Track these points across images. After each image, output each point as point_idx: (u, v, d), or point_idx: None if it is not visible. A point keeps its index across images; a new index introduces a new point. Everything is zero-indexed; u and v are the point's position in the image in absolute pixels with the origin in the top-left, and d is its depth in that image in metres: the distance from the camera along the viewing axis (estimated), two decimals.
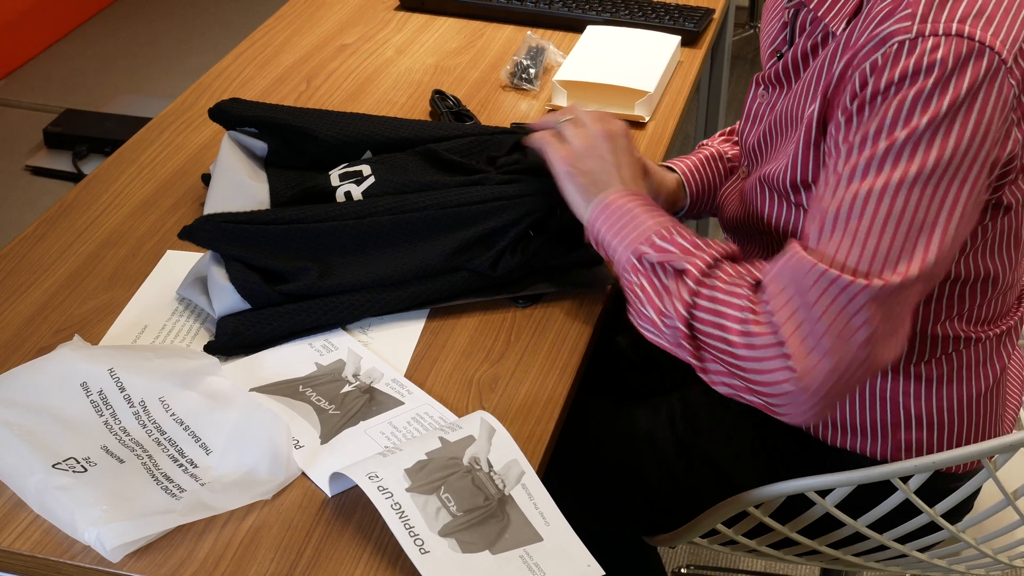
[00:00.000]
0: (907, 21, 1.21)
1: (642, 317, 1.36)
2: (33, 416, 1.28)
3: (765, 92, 1.49)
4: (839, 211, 1.23)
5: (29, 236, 1.63)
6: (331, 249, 1.51)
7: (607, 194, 1.41)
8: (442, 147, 1.64)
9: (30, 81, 2.86)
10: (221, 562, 1.17)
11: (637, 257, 1.35)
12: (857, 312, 1.21)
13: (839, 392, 1.24)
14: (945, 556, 1.58)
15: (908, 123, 1.20)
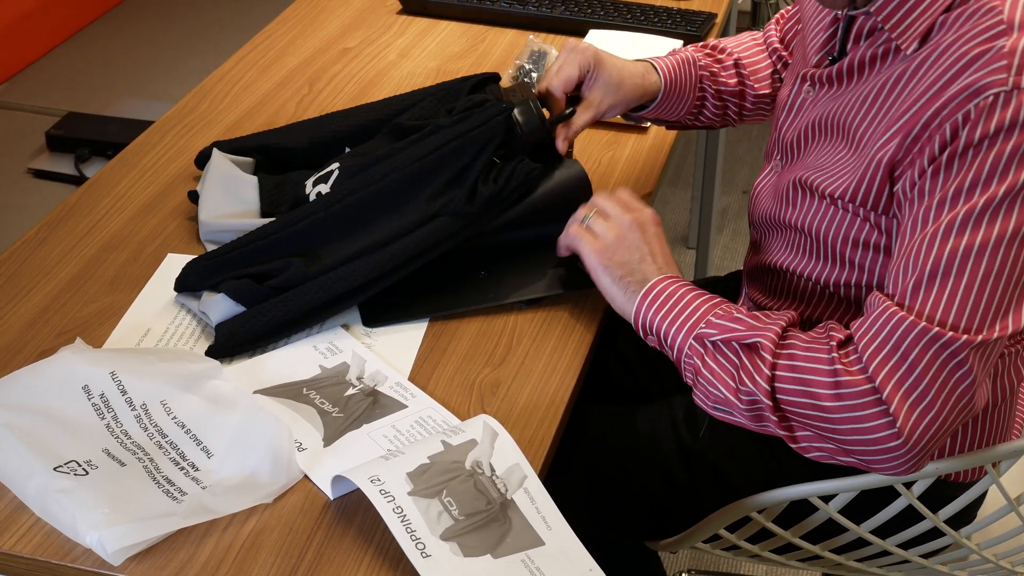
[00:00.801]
0: (1003, 73, 1.20)
1: (713, 399, 1.35)
2: (34, 419, 1.28)
3: (811, 89, 1.48)
4: (936, 267, 1.22)
5: (31, 239, 1.63)
6: (312, 243, 1.52)
7: (650, 283, 1.40)
8: (405, 117, 1.66)
9: (32, 84, 2.86)
10: (222, 565, 1.17)
11: (699, 340, 1.34)
12: (961, 367, 1.22)
13: (939, 444, 1.25)
14: (948, 562, 1.58)
15: (1005, 179, 1.20)
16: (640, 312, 1.40)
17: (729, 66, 1.76)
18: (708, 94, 1.74)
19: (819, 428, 1.28)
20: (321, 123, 1.77)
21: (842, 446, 1.27)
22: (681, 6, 2.27)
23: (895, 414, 1.22)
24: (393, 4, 2.30)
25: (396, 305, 1.49)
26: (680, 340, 1.36)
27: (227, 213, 1.61)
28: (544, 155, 1.58)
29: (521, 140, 1.56)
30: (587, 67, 1.62)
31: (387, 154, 1.57)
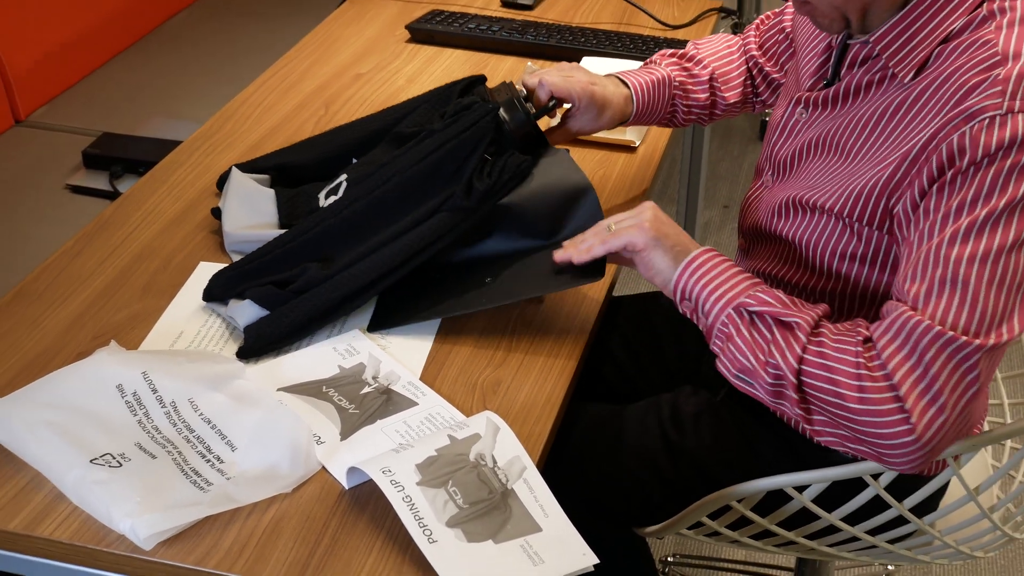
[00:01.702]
0: (998, 98, 1.21)
1: (739, 367, 1.34)
2: (72, 415, 1.28)
3: (804, 111, 1.47)
4: (945, 276, 1.22)
5: (68, 250, 1.63)
6: (325, 247, 1.53)
7: (693, 254, 1.39)
8: (403, 125, 1.66)
9: (70, 106, 2.86)
10: (245, 550, 1.17)
11: (737, 310, 1.34)
12: (972, 371, 1.22)
13: (951, 440, 1.25)
14: (913, 547, 1.58)
15: (1004, 193, 1.21)
16: (681, 279, 1.38)
17: (703, 80, 1.75)
18: (679, 109, 1.75)
19: (837, 416, 1.27)
20: (327, 138, 1.77)
21: (858, 436, 1.27)
22: (667, 35, 2.28)
23: (911, 411, 1.22)
24: (402, 33, 2.31)
25: (406, 309, 1.49)
26: (718, 308, 1.35)
27: (248, 225, 1.61)
28: (532, 146, 1.59)
29: (509, 135, 1.56)
30: (580, 100, 1.63)
31: (388, 161, 1.58)
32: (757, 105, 1.82)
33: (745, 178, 3.67)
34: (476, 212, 1.50)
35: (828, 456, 1.51)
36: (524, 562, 1.16)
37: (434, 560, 1.14)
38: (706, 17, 2.37)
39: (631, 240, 1.41)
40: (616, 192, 1.80)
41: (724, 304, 1.35)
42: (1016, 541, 1.61)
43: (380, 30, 2.33)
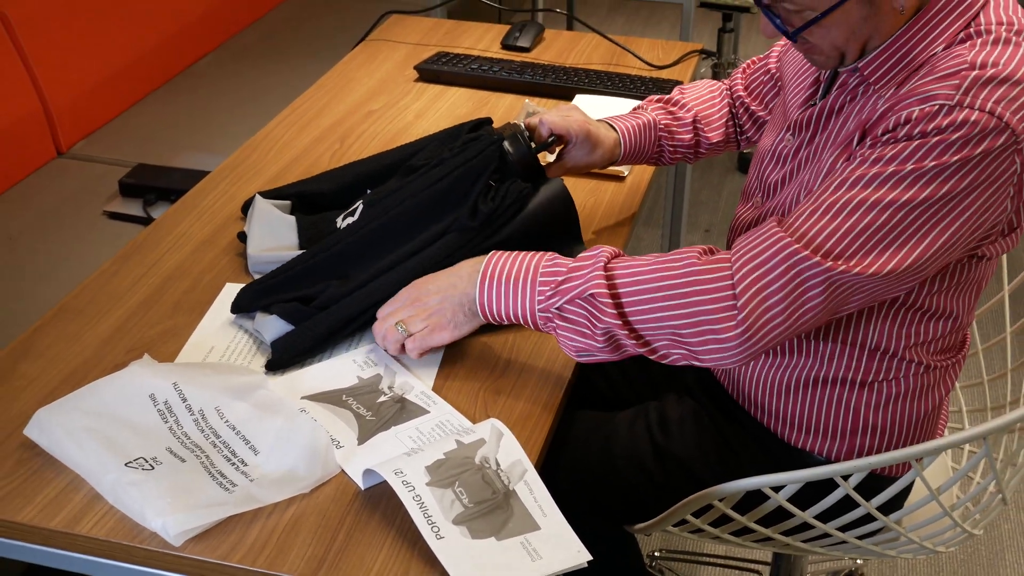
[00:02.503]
0: (953, 90, 1.22)
1: (575, 349, 1.36)
2: (109, 422, 1.28)
3: (792, 136, 1.47)
4: (831, 205, 1.24)
5: (106, 271, 1.63)
6: (343, 265, 1.53)
7: (483, 266, 1.39)
8: (415, 159, 1.67)
9: (108, 139, 2.87)
10: (267, 546, 1.17)
11: (542, 311, 1.35)
12: (813, 289, 1.23)
13: (763, 349, 1.26)
14: (879, 543, 1.58)
15: (920, 160, 1.21)
16: (485, 310, 1.38)
17: (687, 123, 1.75)
18: (665, 149, 1.75)
19: (668, 326, 1.28)
20: (345, 170, 1.78)
21: (685, 332, 1.27)
22: (652, 75, 2.28)
23: (742, 308, 1.23)
24: (411, 73, 2.31)
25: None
26: (530, 318, 1.36)
27: (270, 248, 1.61)
28: (533, 176, 1.59)
29: (512, 166, 1.57)
30: (576, 137, 1.64)
31: (401, 186, 1.58)
32: (742, 143, 1.82)
33: (725, 205, 3.68)
34: (480, 232, 1.50)
35: (802, 458, 1.51)
36: (524, 558, 1.16)
37: (441, 555, 1.13)
38: (688, 58, 2.38)
39: (408, 325, 1.40)
40: (606, 217, 1.80)
41: (529, 313, 1.36)
42: (975, 537, 1.61)
43: (391, 70, 2.33)
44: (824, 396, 1.46)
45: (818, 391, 1.46)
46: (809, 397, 1.46)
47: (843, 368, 1.43)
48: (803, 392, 1.47)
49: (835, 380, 1.44)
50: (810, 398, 1.46)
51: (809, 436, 1.49)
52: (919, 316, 1.39)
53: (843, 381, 1.44)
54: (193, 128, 2.91)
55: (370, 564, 1.15)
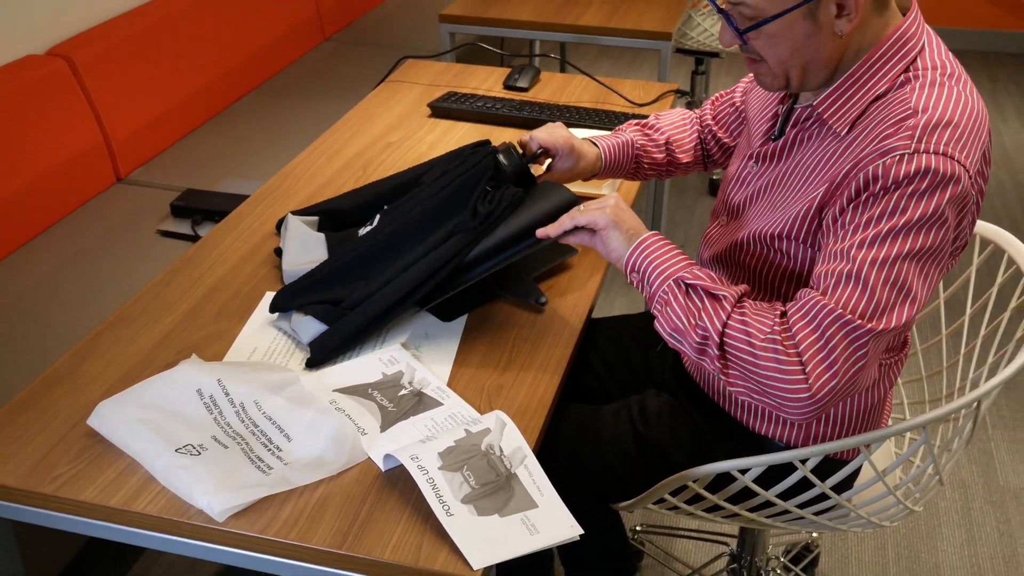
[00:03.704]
0: (907, 140, 1.23)
1: (672, 327, 1.34)
2: (161, 414, 1.28)
3: (755, 165, 1.47)
4: (850, 273, 1.23)
5: (159, 282, 1.63)
6: (365, 268, 1.54)
7: (643, 238, 1.40)
8: (426, 176, 1.67)
9: (161, 167, 2.87)
10: (299, 521, 1.17)
11: (676, 281, 1.34)
12: (862, 347, 1.23)
13: (834, 402, 1.25)
14: (832, 518, 1.58)
15: (904, 213, 1.22)
16: (633, 255, 1.39)
17: (660, 144, 1.75)
18: (642, 165, 1.75)
19: (749, 372, 1.28)
20: (364, 190, 1.77)
21: (764, 389, 1.27)
22: (635, 111, 2.29)
23: (808, 373, 1.23)
24: (425, 110, 2.31)
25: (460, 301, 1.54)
26: (660, 279, 1.35)
27: (302, 262, 1.62)
28: (525, 183, 1.59)
29: (505, 173, 1.57)
30: (560, 150, 1.64)
31: (411, 196, 1.59)
32: (709, 164, 1.82)
33: (697, 223, 3.68)
34: (480, 231, 1.50)
35: (765, 444, 1.51)
36: (523, 532, 1.15)
37: (451, 530, 1.13)
38: (666, 97, 2.38)
39: (593, 219, 1.42)
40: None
41: (665, 276, 1.35)
42: (915, 513, 1.61)
43: (407, 108, 2.34)
44: None
45: None
46: None
47: None
48: None
49: None
50: None
51: (771, 424, 1.49)
52: None
53: None
54: (235, 157, 2.92)
55: (388, 537, 1.15)
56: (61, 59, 2.66)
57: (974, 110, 1.27)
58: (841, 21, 1.28)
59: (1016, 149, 4.25)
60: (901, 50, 1.30)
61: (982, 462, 2.56)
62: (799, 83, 1.35)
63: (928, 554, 2.28)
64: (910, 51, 1.30)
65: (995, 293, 1.71)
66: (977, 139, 1.26)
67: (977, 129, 1.27)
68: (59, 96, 2.62)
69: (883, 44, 1.30)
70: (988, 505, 2.42)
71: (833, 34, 1.29)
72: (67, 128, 2.62)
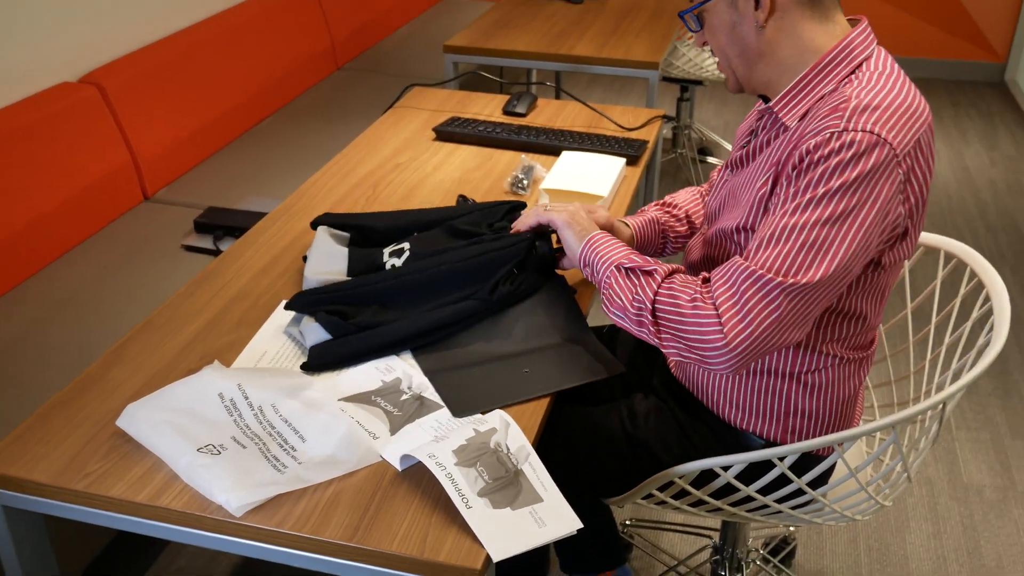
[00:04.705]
0: (838, 121, 1.26)
1: (615, 306, 1.38)
2: (185, 416, 1.28)
3: (729, 172, 1.50)
4: (773, 234, 1.27)
5: (183, 293, 1.63)
6: (383, 299, 1.52)
7: (592, 235, 1.47)
8: (459, 221, 1.67)
9: (186, 186, 2.88)
10: (312, 516, 1.17)
11: (616, 266, 1.39)
12: (774, 300, 1.25)
13: (752, 354, 1.27)
14: (808, 512, 1.58)
15: (827, 183, 1.24)
16: (583, 251, 1.46)
17: (681, 218, 1.76)
18: (668, 239, 1.75)
19: (677, 332, 1.31)
20: (398, 214, 1.76)
21: (690, 345, 1.30)
22: (625, 136, 2.29)
23: (724, 323, 1.26)
24: (430, 134, 2.32)
25: (475, 400, 1.37)
26: (604, 267, 1.41)
27: (323, 271, 1.62)
28: (547, 269, 1.60)
29: (536, 258, 1.58)
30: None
31: (443, 250, 1.58)
32: None
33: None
34: (494, 306, 1.51)
35: (746, 441, 1.51)
36: (532, 525, 1.15)
37: (471, 521, 1.13)
38: (653, 122, 2.38)
39: (551, 218, 1.54)
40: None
41: (608, 264, 1.41)
42: (885, 508, 1.61)
43: (414, 132, 2.34)
44: (762, 384, 1.46)
45: (757, 380, 1.46)
46: (750, 385, 1.47)
47: (777, 361, 1.44)
48: (745, 380, 1.47)
49: (770, 371, 1.45)
50: (750, 385, 1.47)
51: (751, 418, 1.49)
52: (835, 317, 1.40)
53: (777, 372, 1.44)
54: (254, 177, 2.92)
55: (395, 530, 1.15)
56: (93, 86, 2.67)
57: (906, 100, 1.29)
58: (758, 12, 1.33)
59: (977, 170, 4.26)
60: (848, 57, 1.33)
61: (947, 460, 2.56)
62: (745, 76, 1.40)
63: (897, 546, 2.28)
64: (856, 58, 1.33)
65: (958, 304, 1.72)
66: (908, 125, 1.28)
67: (908, 117, 1.28)
68: (91, 121, 2.62)
69: (832, 51, 1.34)
70: (953, 501, 2.42)
71: (755, 25, 1.34)
72: (98, 150, 2.63)
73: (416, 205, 1.96)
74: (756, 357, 1.27)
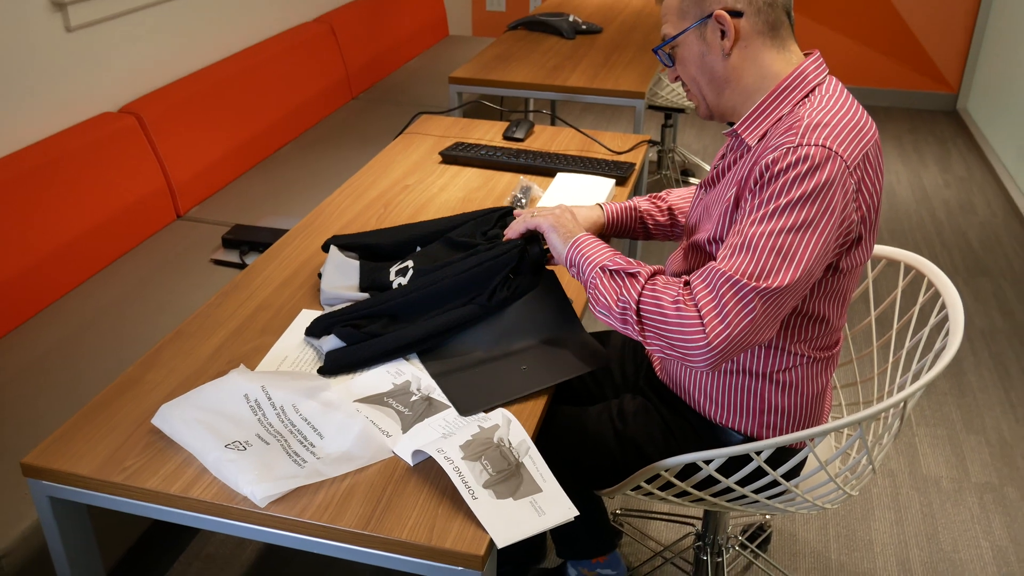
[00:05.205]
0: (793, 137, 1.27)
1: (601, 305, 1.36)
2: (213, 415, 1.28)
3: (703, 191, 1.50)
4: (743, 242, 1.26)
5: (212, 303, 1.63)
6: (391, 314, 1.51)
7: (577, 237, 1.45)
8: (455, 233, 1.67)
9: (215, 206, 2.88)
10: (329, 506, 1.17)
11: (601, 268, 1.37)
12: (749, 302, 1.24)
13: (729, 352, 1.26)
14: (783, 502, 1.57)
15: (788, 194, 1.25)
16: (569, 252, 1.43)
17: (664, 209, 1.75)
18: (647, 225, 1.74)
19: (660, 331, 1.29)
20: (401, 229, 1.75)
21: (672, 343, 1.28)
22: (614, 159, 2.29)
23: (706, 325, 1.24)
24: (436, 158, 2.32)
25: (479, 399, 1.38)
26: (590, 268, 1.39)
27: (338, 286, 1.61)
28: (540, 269, 1.58)
29: (527, 261, 1.56)
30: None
31: (444, 264, 1.57)
32: None
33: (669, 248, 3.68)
34: (492, 310, 1.50)
35: (725, 436, 1.50)
36: (533, 514, 1.15)
37: (477, 511, 1.13)
38: (640, 146, 2.38)
39: (537, 223, 1.50)
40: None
41: (593, 265, 1.39)
42: (852, 497, 1.60)
43: (421, 156, 2.34)
44: (738, 383, 1.46)
45: (734, 379, 1.46)
46: (727, 384, 1.47)
47: (752, 362, 1.44)
48: (723, 380, 1.47)
49: (746, 371, 1.45)
50: (728, 384, 1.47)
51: (730, 415, 1.49)
52: (802, 320, 1.40)
53: (752, 372, 1.44)
54: (277, 197, 2.92)
55: (405, 520, 1.15)
56: (132, 116, 2.67)
57: (853, 119, 1.30)
58: (725, 41, 1.34)
59: (933, 190, 4.26)
60: (802, 83, 1.35)
61: (908, 454, 2.55)
62: (714, 103, 1.40)
63: (863, 532, 2.27)
64: (810, 83, 1.35)
65: (917, 312, 1.72)
66: (856, 141, 1.28)
67: (857, 133, 1.29)
68: (130, 147, 2.62)
69: (788, 77, 1.35)
70: (913, 491, 2.41)
71: (722, 53, 1.35)
72: (136, 173, 2.63)
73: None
74: (732, 355, 1.27)
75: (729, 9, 1.33)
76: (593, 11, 4.04)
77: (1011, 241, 3.76)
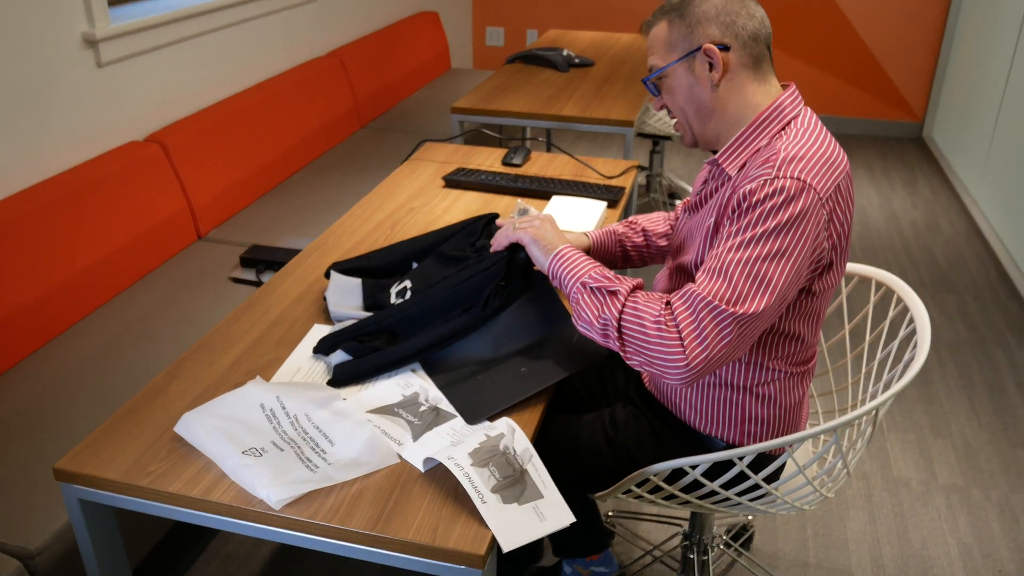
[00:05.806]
0: (769, 169, 1.26)
1: (583, 320, 1.35)
2: (232, 423, 1.27)
3: (686, 215, 1.49)
4: (721, 267, 1.25)
5: (230, 319, 1.63)
6: (393, 330, 1.51)
7: (558, 250, 1.42)
8: (446, 247, 1.66)
9: (233, 227, 2.88)
10: (340, 509, 1.16)
11: (582, 283, 1.36)
12: (727, 327, 1.23)
13: (705, 371, 1.25)
14: (764, 504, 1.57)
15: (764, 224, 1.24)
16: (551, 265, 1.41)
17: (638, 231, 1.75)
18: (626, 247, 1.74)
19: (641, 348, 1.28)
20: (394, 248, 1.75)
21: (652, 360, 1.27)
22: (605, 183, 2.30)
23: (686, 346, 1.23)
24: (440, 182, 2.32)
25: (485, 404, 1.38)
26: (571, 282, 1.37)
27: (343, 305, 1.61)
28: (527, 276, 1.58)
29: (515, 269, 1.56)
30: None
31: (438, 281, 1.57)
32: None
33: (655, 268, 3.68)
34: (486, 319, 1.50)
35: (710, 444, 1.50)
36: (535, 518, 1.15)
37: (486, 516, 1.13)
38: (629, 171, 2.39)
39: (519, 236, 1.48)
40: None
41: (575, 279, 1.37)
42: (829, 499, 1.60)
43: (426, 180, 2.35)
44: (721, 396, 1.45)
45: (717, 392, 1.45)
46: (711, 396, 1.46)
47: (734, 376, 1.43)
48: (707, 393, 1.46)
49: (728, 385, 1.44)
50: (712, 397, 1.46)
51: (714, 424, 1.48)
52: (778, 339, 1.40)
53: (734, 386, 1.44)
54: (291, 219, 2.92)
55: (411, 522, 1.14)
56: (156, 144, 2.67)
57: (827, 152, 1.30)
58: (714, 73, 1.33)
59: (901, 211, 4.28)
60: (779, 116, 1.34)
61: (880, 458, 2.55)
62: (700, 132, 1.39)
63: (839, 532, 2.26)
64: (786, 116, 1.34)
65: (887, 325, 1.72)
66: (829, 173, 1.28)
67: (829, 166, 1.28)
68: (154, 173, 2.63)
69: (766, 110, 1.34)
70: (885, 492, 2.41)
71: (709, 85, 1.34)
72: (160, 198, 2.63)
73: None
74: (706, 373, 1.26)
75: (717, 42, 1.33)
76: (586, 46, 4.06)
77: (973, 258, 3.77)
